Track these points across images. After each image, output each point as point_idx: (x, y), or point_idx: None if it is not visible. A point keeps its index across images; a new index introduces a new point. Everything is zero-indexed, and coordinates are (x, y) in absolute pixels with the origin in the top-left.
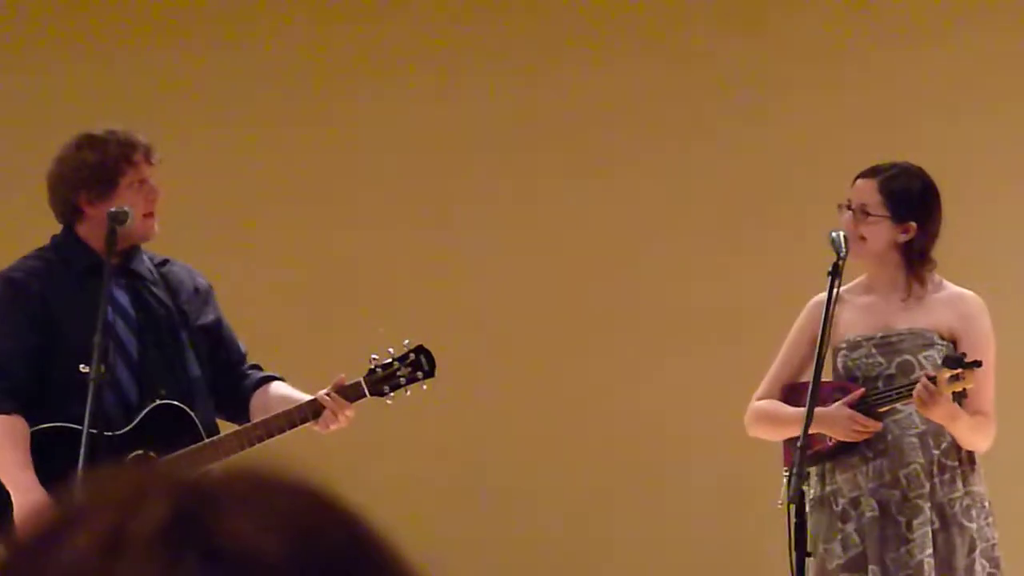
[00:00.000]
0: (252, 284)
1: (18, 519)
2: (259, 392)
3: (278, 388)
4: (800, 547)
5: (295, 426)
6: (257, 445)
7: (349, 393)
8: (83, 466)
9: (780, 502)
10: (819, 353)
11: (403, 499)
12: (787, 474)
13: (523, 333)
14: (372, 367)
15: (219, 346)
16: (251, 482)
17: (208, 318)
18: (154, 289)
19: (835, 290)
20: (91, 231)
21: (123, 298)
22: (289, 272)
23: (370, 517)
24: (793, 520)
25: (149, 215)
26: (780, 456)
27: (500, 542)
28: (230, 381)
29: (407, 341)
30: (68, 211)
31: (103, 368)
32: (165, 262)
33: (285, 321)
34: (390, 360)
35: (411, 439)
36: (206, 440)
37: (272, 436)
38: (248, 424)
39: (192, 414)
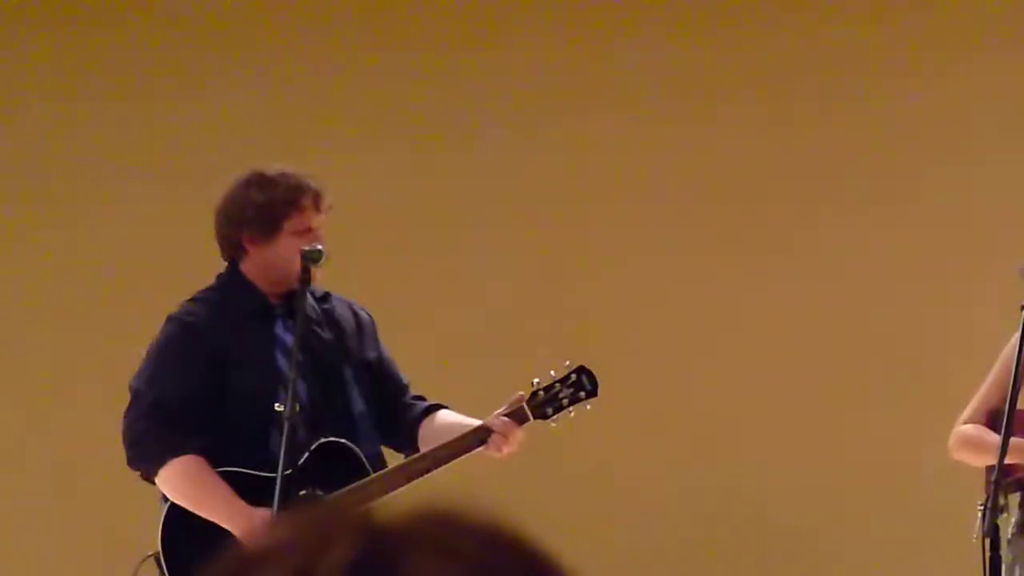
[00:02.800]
0: (407, 310)
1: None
2: (426, 421)
3: (445, 416)
4: None
5: (461, 455)
6: (424, 477)
7: (513, 418)
8: (276, 506)
9: (975, 536)
10: (1013, 385)
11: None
12: (982, 507)
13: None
14: (534, 390)
15: (383, 380)
16: (436, 522)
17: (371, 353)
18: (317, 329)
19: None
20: (254, 269)
21: (290, 340)
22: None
23: (559, 557)
24: (987, 555)
25: None
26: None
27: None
28: (395, 413)
29: (568, 362)
30: (232, 247)
31: (297, 406)
32: (327, 296)
33: (441, 347)
34: (552, 382)
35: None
36: (372, 475)
37: (438, 467)
38: (414, 456)
39: (357, 450)
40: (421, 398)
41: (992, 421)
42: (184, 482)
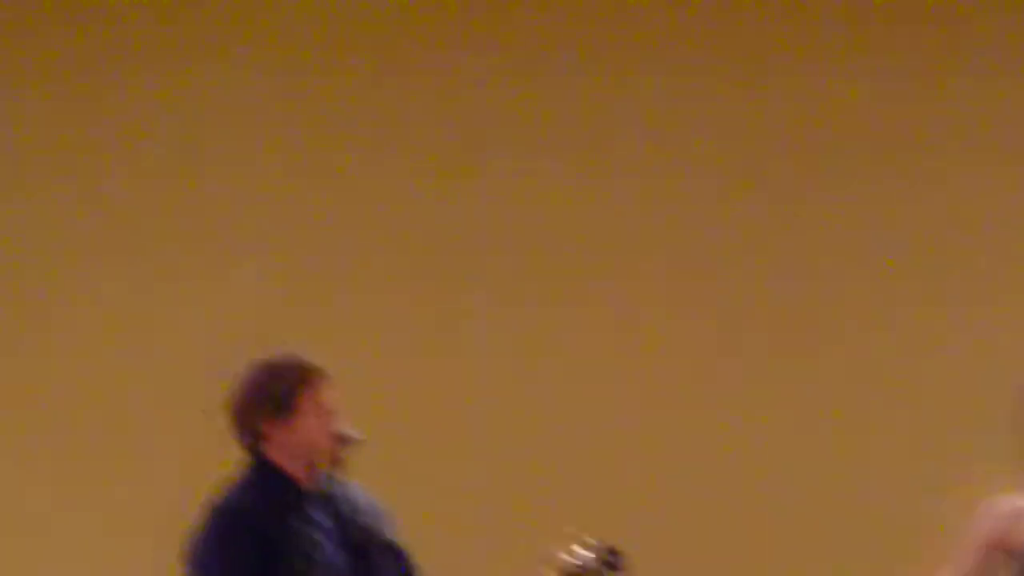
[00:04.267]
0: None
1: None
2: None
3: None
4: None
5: None
6: None
7: None
8: None
9: None
10: None
11: None
12: None
13: None
14: (570, 570)
15: (408, 565)
16: None
17: (387, 536)
18: (342, 508)
19: None
20: (278, 453)
21: (326, 521)
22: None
23: None
24: None
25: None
26: None
27: None
28: None
29: (595, 540)
30: (252, 436)
31: None
32: (340, 482)
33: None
34: (583, 561)
35: None
36: None
37: None
38: None
39: None
40: None
41: None
42: None
